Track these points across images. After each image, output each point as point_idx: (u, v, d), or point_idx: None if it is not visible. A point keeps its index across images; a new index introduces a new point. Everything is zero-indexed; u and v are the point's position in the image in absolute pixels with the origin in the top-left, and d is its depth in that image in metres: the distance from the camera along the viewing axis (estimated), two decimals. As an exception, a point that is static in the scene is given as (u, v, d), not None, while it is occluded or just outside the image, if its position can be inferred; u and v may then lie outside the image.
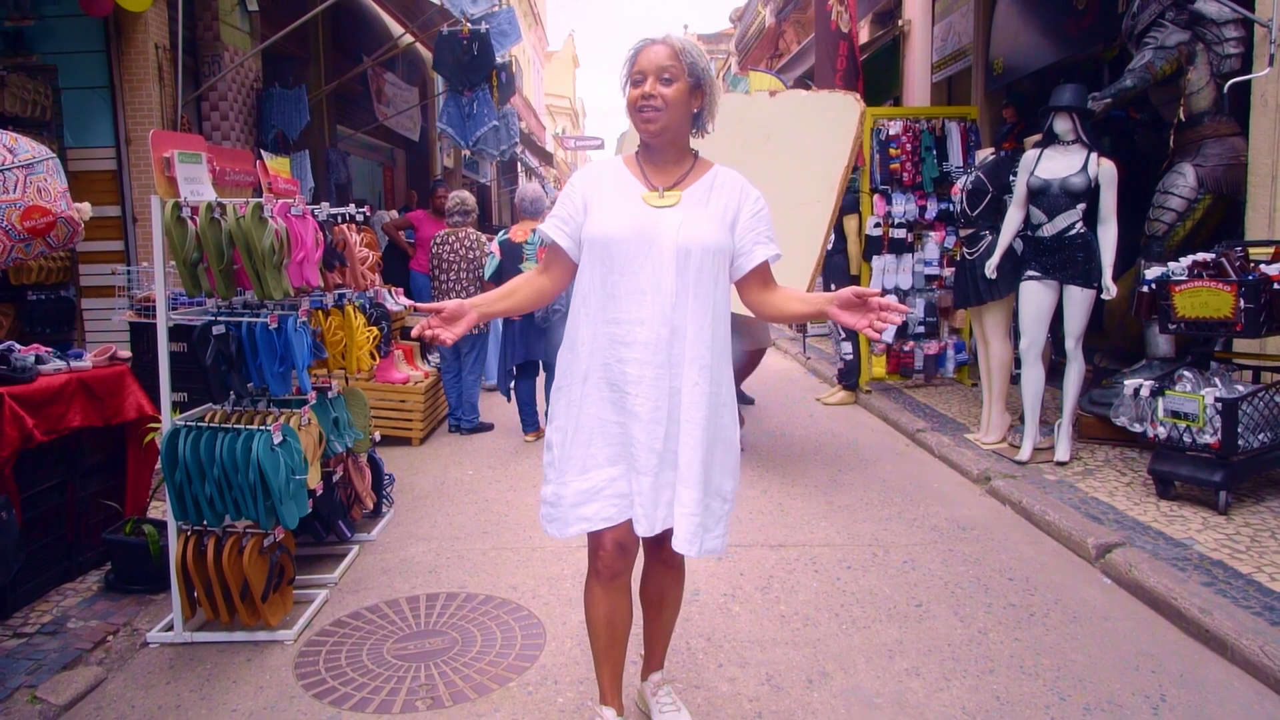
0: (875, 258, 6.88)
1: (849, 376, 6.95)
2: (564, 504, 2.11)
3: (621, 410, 2.08)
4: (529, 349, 5.65)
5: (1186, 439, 3.85)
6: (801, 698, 2.58)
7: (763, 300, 2.23)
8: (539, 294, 2.27)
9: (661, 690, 2.41)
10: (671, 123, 2.08)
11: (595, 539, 2.16)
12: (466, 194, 6.44)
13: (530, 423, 5.89)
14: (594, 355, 2.10)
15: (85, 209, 2.91)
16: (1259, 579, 3.16)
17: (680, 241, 2.05)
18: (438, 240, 6.20)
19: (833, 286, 6.62)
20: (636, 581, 2.29)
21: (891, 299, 1.95)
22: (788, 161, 4.68)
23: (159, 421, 3.07)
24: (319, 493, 3.32)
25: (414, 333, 2.04)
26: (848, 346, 6.89)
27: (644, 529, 2.09)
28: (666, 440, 2.07)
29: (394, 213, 9.65)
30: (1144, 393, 4.12)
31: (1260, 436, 3.84)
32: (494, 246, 5.66)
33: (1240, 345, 4.42)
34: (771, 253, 2.15)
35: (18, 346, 3.41)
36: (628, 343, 2.06)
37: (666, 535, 2.14)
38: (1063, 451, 4.69)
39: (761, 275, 2.20)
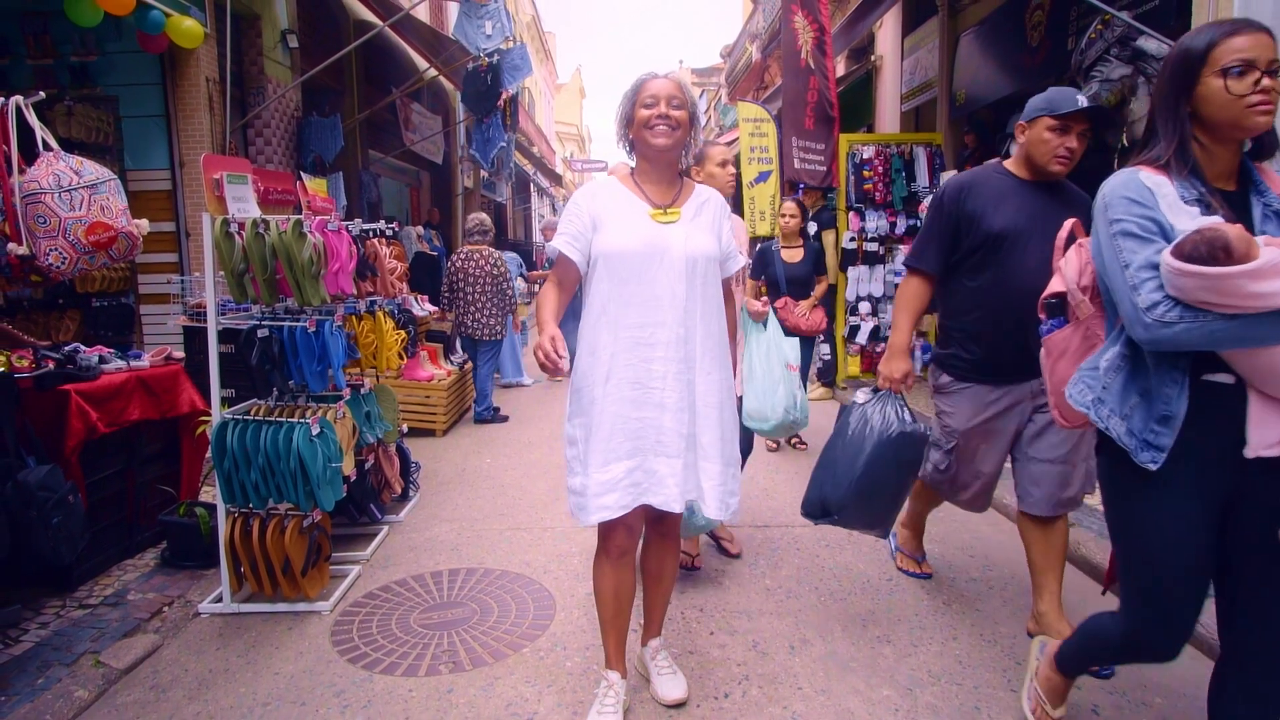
0: (850, 268, 6.89)
1: (827, 374, 6.95)
2: (589, 494, 2.08)
3: (644, 405, 2.08)
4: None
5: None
6: (785, 662, 2.59)
7: None
8: (564, 308, 2.26)
9: (660, 655, 2.41)
10: (680, 142, 2.14)
11: (609, 524, 2.14)
12: (484, 215, 6.45)
13: None
14: (616, 358, 2.09)
15: (143, 225, 2.92)
16: (1194, 556, 3.15)
17: (689, 252, 2.11)
18: (460, 256, 6.20)
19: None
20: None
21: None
22: None
23: (209, 415, 3.07)
24: (353, 479, 3.33)
25: (540, 358, 1.92)
26: (825, 348, 6.88)
27: (678, 505, 2.09)
28: (690, 425, 2.11)
29: (419, 229, 9.64)
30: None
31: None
32: None
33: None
34: (742, 263, 2.37)
35: (83, 348, 3.41)
36: (651, 343, 2.08)
37: (665, 513, 2.17)
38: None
39: (727, 286, 2.32)
